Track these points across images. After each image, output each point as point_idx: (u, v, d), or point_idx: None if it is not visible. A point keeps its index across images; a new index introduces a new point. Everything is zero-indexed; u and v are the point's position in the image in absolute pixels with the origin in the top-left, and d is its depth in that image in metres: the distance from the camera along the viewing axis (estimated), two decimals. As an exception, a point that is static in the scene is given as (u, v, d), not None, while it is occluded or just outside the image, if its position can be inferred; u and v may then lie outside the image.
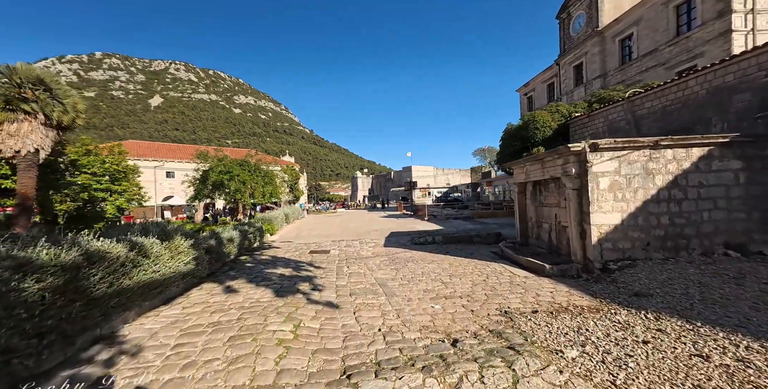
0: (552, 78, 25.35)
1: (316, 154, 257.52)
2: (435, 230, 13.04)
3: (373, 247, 10.10)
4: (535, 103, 28.08)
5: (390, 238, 11.80)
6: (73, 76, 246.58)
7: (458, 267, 6.71)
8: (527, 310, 4.03)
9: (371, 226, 16.04)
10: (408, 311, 4.19)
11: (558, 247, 6.76)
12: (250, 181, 12.81)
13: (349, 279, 5.93)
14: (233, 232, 7.81)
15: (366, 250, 9.54)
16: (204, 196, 12.91)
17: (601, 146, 5.29)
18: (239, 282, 5.47)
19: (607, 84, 19.33)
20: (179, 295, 4.66)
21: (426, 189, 54.72)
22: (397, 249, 9.68)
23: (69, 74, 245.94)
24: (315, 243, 11.06)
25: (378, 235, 12.65)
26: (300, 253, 8.90)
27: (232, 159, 13.87)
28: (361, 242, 11.12)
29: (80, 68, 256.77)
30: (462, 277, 5.87)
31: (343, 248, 9.95)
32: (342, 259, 8.03)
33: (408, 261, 7.59)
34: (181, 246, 4.51)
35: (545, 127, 13.29)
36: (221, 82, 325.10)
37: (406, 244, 10.58)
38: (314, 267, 7.02)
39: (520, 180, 8.11)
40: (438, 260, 7.66)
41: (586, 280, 5.23)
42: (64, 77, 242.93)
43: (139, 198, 15.50)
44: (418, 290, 5.18)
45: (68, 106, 8.48)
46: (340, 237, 12.56)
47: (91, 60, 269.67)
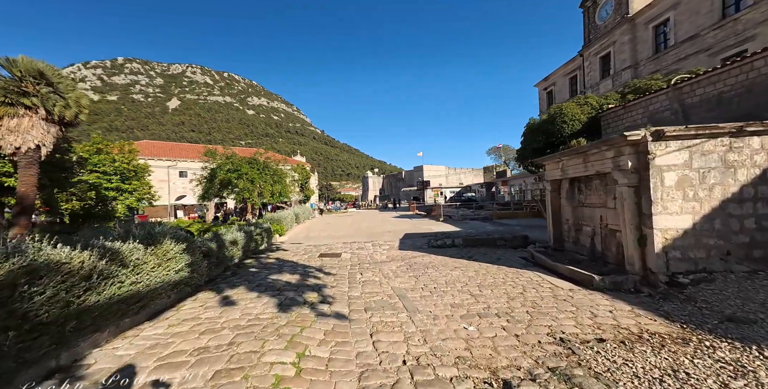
0: (575, 70, 23.90)
1: (327, 154, 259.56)
2: (453, 232, 12.19)
3: (388, 250, 9.37)
4: (555, 98, 26.63)
5: (405, 240, 11.04)
6: (97, 80, 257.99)
7: (486, 276, 5.89)
8: (589, 338, 3.19)
9: (384, 227, 15.31)
10: (436, 334, 3.43)
11: (604, 254, 5.83)
12: (259, 180, 12.34)
13: (363, 289, 5.21)
14: (237, 234, 7.24)
15: (380, 254, 8.82)
16: (212, 195, 12.54)
17: (668, 134, 4.35)
18: (239, 292, 4.85)
19: (638, 74, 17.88)
20: (169, 308, 4.07)
21: (438, 189, 53.56)
22: (414, 252, 8.91)
23: (93, 79, 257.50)
24: (325, 245, 10.42)
25: (392, 237, 11.91)
26: (309, 257, 8.27)
27: (241, 157, 13.46)
28: (375, 244, 10.41)
29: (104, 73, 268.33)
30: (494, 288, 5.05)
31: (355, 251, 9.27)
32: (354, 264, 7.33)
33: (428, 268, 6.81)
34: (171, 251, 3.91)
35: (574, 120, 12.19)
36: (235, 84, 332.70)
37: (423, 247, 9.80)
38: (324, 273, 6.35)
39: (555, 177, 7.18)
40: (462, 266, 6.84)
41: (649, 296, 4.32)
42: (89, 82, 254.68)
43: (149, 197, 15.38)
44: (444, 304, 4.40)
45: (71, 100, 8.14)
46: (351, 238, 11.89)
47: (113, 65, 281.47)
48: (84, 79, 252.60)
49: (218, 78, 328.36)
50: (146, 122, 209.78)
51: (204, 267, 5.05)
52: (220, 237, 6.46)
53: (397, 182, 77.64)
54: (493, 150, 55.61)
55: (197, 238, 5.77)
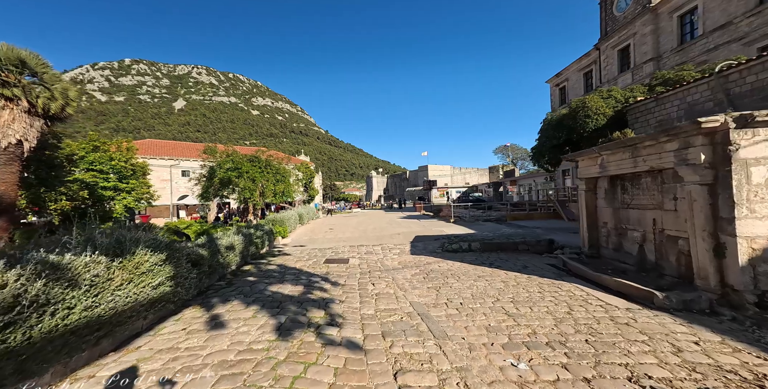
0: (590, 65, 22.86)
1: (331, 154, 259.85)
2: (467, 234, 11.36)
3: (399, 255, 8.60)
4: (568, 94, 25.61)
5: (416, 244, 10.26)
6: (105, 81, 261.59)
7: (518, 288, 5.08)
8: (689, 387, 2.38)
9: (392, 229, 14.54)
10: (478, 374, 2.65)
11: (658, 264, 4.98)
12: (261, 179, 11.64)
13: (376, 305, 4.44)
14: (235, 238, 6.53)
15: (391, 259, 8.06)
16: (211, 195, 11.87)
17: (758, 119, 3.52)
18: (233, 309, 4.11)
19: (660, 67, 16.84)
20: (146, 331, 3.35)
21: (444, 188, 52.64)
22: (428, 257, 8.13)
23: (101, 80, 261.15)
24: (331, 248, 9.69)
25: (402, 239, 11.14)
26: (314, 263, 7.53)
27: (242, 155, 12.80)
28: (384, 248, 9.65)
29: (111, 74, 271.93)
30: (532, 306, 4.24)
31: (364, 255, 8.52)
32: (364, 272, 6.57)
33: (447, 277, 6.03)
34: (147, 263, 3.19)
35: (598, 114, 11.27)
36: (240, 85, 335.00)
37: (437, 251, 9.01)
38: (331, 283, 5.60)
39: (590, 174, 6.34)
40: (485, 275, 6.05)
41: (735, 321, 3.48)
42: (97, 83, 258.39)
43: (148, 197, 14.80)
44: (478, 327, 3.62)
45: (56, 91, 7.49)
46: (359, 241, 11.14)
47: (121, 66, 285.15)
48: (92, 80, 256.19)
49: (223, 78, 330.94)
50: (152, 123, 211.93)
51: (193, 279, 4.33)
52: (214, 242, 5.75)
53: (402, 182, 76.97)
54: (501, 149, 54.50)
55: (186, 244, 5.05)
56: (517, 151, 53.06)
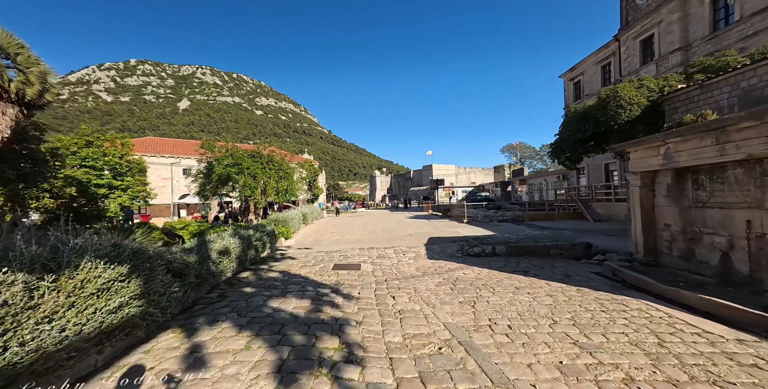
0: (608, 58, 21.71)
1: (335, 154, 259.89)
2: (485, 236, 10.40)
3: (415, 259, 7.68)
4: (584, 89, 24.47)
5: (431, 246, 9.33)
6: (111, 82, 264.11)
7: (572, 304, 4.13)
8: None
9: (402, 229, 13.62)
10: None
11: (753, 278, 3.99)
12: (262, 175, 10.77)
13: (403, 329, 3.52)
14: (230, 241, 5.65)
15: (407, 264, 7.14)
16: (209, 193, 11.04)
17: None
18: (221, 334, 3.21)
19: (690, 57, 15.71)
20: (100, 370, 2.46)
21: (450, 188, 51.58)
22: (449, 263, 7.20)
23: (107, 80, 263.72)
24: (339, 251, 8.80)
25: (415, 241, 10.21)
26: (321, 269, 6.62)
27: (243, 150, 11.93)
28: (397, 251, 8.74)
29: (117, 75, 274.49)
30: (605, 332, 3.29)
31: (376, 260, 7.60)
32: (380, 280, 5.65)
33: (478, 287, 5.09)
34: (97, 280, 2.30)
35: (632, 104, 10.23)
36: (244, 85, 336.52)
37: (457, 256, 8.08)
38: (343, 295, 4.68)
39: (648, 167, 5.36)
40: (524, 286, 5.10)
41: None
42: (103, 83, 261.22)
43: (145, 195, 14.02)
44: (546, 365, 2.68)
45: (32, 75, 6.67)
46: (368, 242, 10.24)
47: (126, 67, 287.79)
48: (98, 81, 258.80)
49: (227, 79, 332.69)
50: (157, 122, 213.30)
51: (174, 294, 3.44)
52: (205, 246, 4.86)
53: (405, 182, 76.08)
54: (509, 147, 53.27)
55: (171, 248, 4.17)
56: (526, 149, 51.82)
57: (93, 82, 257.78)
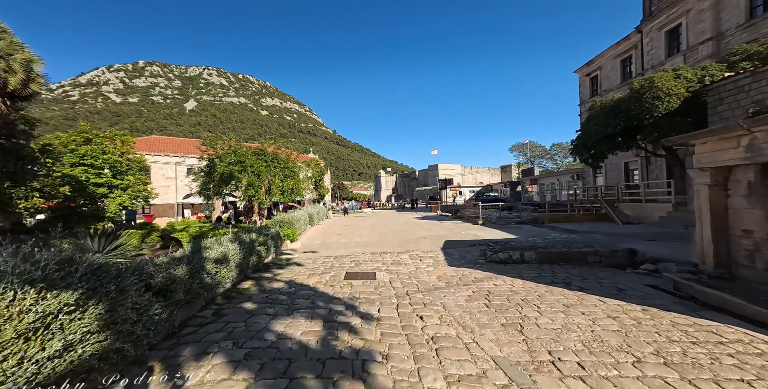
0: (629, 50, 20.62)
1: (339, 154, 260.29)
2: (507, 240, 9.56)
3: (434, 266, 6.90)
4: (601, 84, 23.38)
5: (450, 251, 8.53)
6: (120, 83, 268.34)
7: (647, 332, 3.32)
8: None
9: (414, 232, 12.83)
10: None
11: None
12: (267, 174, 10.08)
13: (442, 365, 2.74)
14: (230, 247, 4.95)
15: (426, 272, 6.37)
16: (211, 192, 10.41)
17: None
18: (209, 375, 2.48)
19: (722, 47, 14.63)
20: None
21: (457, 188, 50.61)
22: (473, 270, 6.40)
23: (116, 82, 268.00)
24: (349, 256, 8.06)
25: (430, 245, 9.42)
26: (332, 278, 5.89)
27: (247, 148, 11.25)
28: (413, 256, 7.96)
29: (125, 76, 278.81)
30: (715, 377, 2.48)
31: (391, 267, 6.85)
32: (400, 293, 4.89)
33: (518, 303, 4.31)
34: (21, 318, 1.59)
35: (670, 95, 9.29)
36: (250, 86, 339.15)
37: (479, 262, 7.29)
38: (360, 315, 3.93)
39: (723, 161, 4.50)
40: (573, 303, 4.29)
41: None
42: (112, 85, 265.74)
43: (146, 195, 13.47)
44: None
45: (15, 63, 6.05)
46: (379, 246, 9.49)
47: (135, 68, 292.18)
48: (107, 82, 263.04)
49: (233, 79, 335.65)
50: (164, 123, 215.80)
51: (154, 317, 2.73)
52: (200, 255, 4.15)
53: (411, 181, 75.39)
54: (518, 146, 52.04)
55: (155, 261, 3.47)
56: (535, 148, 50.52)
57: (102, 84, 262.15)
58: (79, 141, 11.69)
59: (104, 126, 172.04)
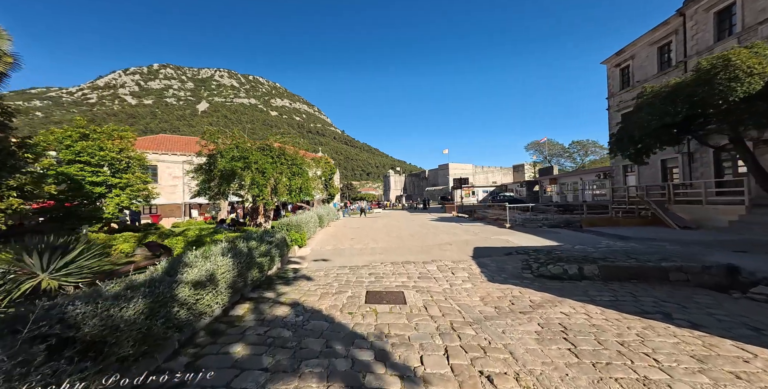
0: (668, 36, 18.73)
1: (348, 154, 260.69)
2: (549, 247, 8.17)
3: (471, 281, 5.63)
4: (634, 75, 21.49)
5: (483, 261, 7.22)
6: (135, 86, 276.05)
7: None
8: None
9: (434, 236, 11.53)
10: None
11: None
12: (272, 171, 8.98)
13: None
14: (220, 262, 3.80)
15: (464, 290, 5.10)
16: (212, 192, 9.37)
17: None
18: None
19: (789, 27, 12.75)
20: None
21: (470, 188, 48.90)
22: (525, 290, 5.09)
23: (132, 85, 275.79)
24: (367, 266, 6.85)
25: (457, 252, 8.12)
26: (349, 300, 4.67)
27: (251, 143, 10.15)
28: (441, 267, 6.69)
29: (141, 79, 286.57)
30: None
31: (419, 282, 5.60)
32: (444, 328, 3.63)
33: (618, 352, 3.01)
34: None
35: (752, 75, 7.69)
36: (260, 87, 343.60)
37: (524, 276, 5.98)
38: (397, 371, 2.69)
39: None
40: (704, 353, 2.95)
41: None
42: (128, 87, 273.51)
43: (146, 194, 12.61)
44: None
45: (-27, 37, 5.04)
46: (399, 253, 8.25)
47: (150, 71, 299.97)
48: (124, 85, 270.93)
49: (244, 81, 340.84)
50: (178, 124, 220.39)
51: None
52: (170, 278, 3.00)
53: (420, 181, 74.14)
54: (535, 144, 49.88)
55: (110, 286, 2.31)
56: (553, 146, 48.24)
57: (119, 86, 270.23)
58: (75, 136, 10.90)
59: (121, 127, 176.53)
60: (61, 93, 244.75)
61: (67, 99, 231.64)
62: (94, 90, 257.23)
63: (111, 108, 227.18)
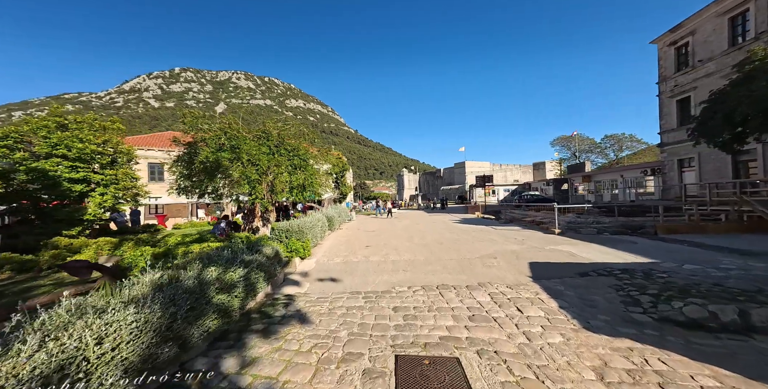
0: (743, 3, 15.58)
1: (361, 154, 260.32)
2: (638, 265, 5.86)
3: (555, 328, 3.50)
4: (695, 53, 18.33)
5: (553, 286, 5.02)
6: (158, 89, 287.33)
7: None
8: None
9: (469, 244, 9.36)
10: None
11: None
12: (267, 163, 7.10)
13: None
14: (111, 326, 1.85)
15: (555, 351, 2.97)
16: (192, 189, 7.62)
17: None
18: None
19: None
20: None
21: (490, 186, 45.97)
22: (660, 352, 2.88)
23: (155, 88, 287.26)
24: (388, 293, 4.84)
25: (509, 270, 5.94)
26: (366, 376, 2.66)
27: (246, 130, 8.35)
28: (497, 298, 4.57)
29: (163, 82, 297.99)
30: None
31: (474, 330, 3.53)
32: None
33: None
34: None
35: None
36: (275, 88, 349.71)
37: (632, 316, 3.85)
38: None
39: None
40: None
41: None
42: (152, 91, 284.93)
43: (134, 193, 11.13)
44: None
45: None
46: (431, 271, 6.16)
47: (171, 75, 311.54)
48: (147, 89, 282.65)
49: (260, 82, 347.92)
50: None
51: None
52: None
53: (435, 180, 71.79)
54: (562, 139, 46.21)
55: None
56: (583, 141, 44.45)
57: (143, 90, 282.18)
58: (51, 127, 9.54)
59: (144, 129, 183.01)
60: (90, 97, 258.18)
61: (96, 103, 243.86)
62: (121, 94, 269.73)
63: (136, 111, 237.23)
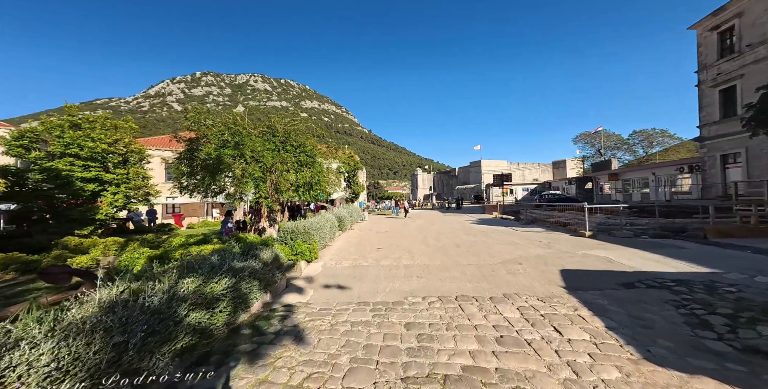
0: (804, -23, 13.78)
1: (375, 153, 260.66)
2: (695, 275, 4.96)
3: (608, 358, 2.76)
4: (742, 37, 16.53)
5: (591, 299, 4.25)
6: (181, 93, 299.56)
7: None
8: None
9: (490, 247, 8.60)
10: None
11: None
12: (271, 159, 6.70)
13: None
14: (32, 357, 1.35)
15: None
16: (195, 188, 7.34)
17: None
18: None
19: None
20: None
21: (508, 185, 44.34)
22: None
23: (178, 92, 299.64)
24: (401, 305, 4.25)
25: (537, 279, 5.18)
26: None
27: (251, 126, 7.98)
28: (528, 314, 3.87)
29: (185, 87, 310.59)
30: None
31: (504, 359, 2.86)
32: None
33: None
34: None
35: None
36: (291, 90, 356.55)
37: (705, 343, 3.05)
38: None
39: None
40: None
41: None
42: (175, 95, 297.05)
43: (146, 192, 11.11)
44: None
45: None
46: (449, 278, 5.50)
47: (193, 79, 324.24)
48: (171, 93, 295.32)
49: (276, 84, 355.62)
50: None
51: None
52: None
53: (450, 179, 70.48)
54: (585, 136, 43.82)
55: None
56: (609, 137, 41.92)
57: (167, 94, 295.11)
58: (65, 126, 9.61)
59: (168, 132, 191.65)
60: (119, 102, 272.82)
61: (125, 107, 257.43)
62: (147, 98, 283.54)
63: (160, 114, 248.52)
